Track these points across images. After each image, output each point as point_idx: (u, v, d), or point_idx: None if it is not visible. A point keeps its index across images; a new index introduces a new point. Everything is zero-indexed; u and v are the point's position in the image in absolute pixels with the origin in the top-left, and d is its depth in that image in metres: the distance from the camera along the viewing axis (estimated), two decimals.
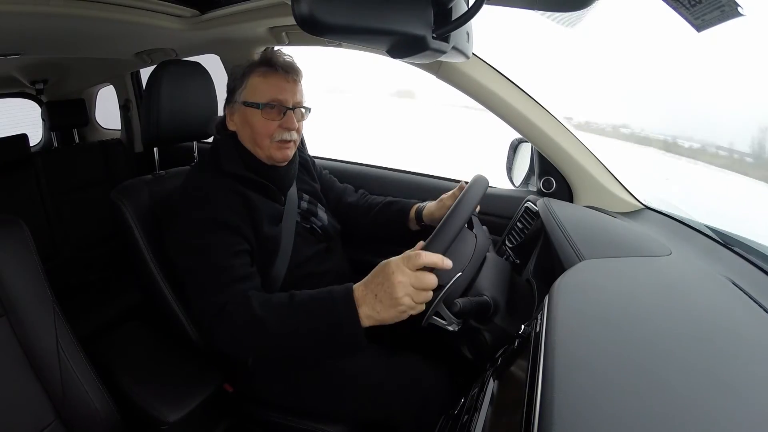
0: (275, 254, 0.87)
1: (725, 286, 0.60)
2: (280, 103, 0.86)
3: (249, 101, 0.86)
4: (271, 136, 0.87)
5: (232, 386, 0.93)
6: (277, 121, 0.86)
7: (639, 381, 0.36)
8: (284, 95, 0.86)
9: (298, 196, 0.99)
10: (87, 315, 1.45)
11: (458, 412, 0.59)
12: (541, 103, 1.06)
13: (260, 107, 0.85)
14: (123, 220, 0.94)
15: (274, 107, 0.86)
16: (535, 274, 0.86)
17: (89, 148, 2.00)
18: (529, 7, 0.50)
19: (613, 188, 1.07)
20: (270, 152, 0.88)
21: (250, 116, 0.87)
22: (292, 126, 0.87)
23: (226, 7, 1.10)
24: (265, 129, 0.86)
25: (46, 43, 1.31)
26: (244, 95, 0.87)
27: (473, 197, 0.76)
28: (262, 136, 0.87)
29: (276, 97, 0.86)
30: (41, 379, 0.72)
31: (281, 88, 0.86)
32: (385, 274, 0.64)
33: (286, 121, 0.87)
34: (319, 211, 1.02)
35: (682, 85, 21.91)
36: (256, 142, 0.88)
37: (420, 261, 0.63)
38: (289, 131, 0.87)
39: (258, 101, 0.86)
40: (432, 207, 1.02)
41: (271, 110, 0.86)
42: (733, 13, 0.40)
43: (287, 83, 0.87)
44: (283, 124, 0.87)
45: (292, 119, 0.87)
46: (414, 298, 0.63)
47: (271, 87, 0.86)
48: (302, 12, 0.34)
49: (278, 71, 0.87)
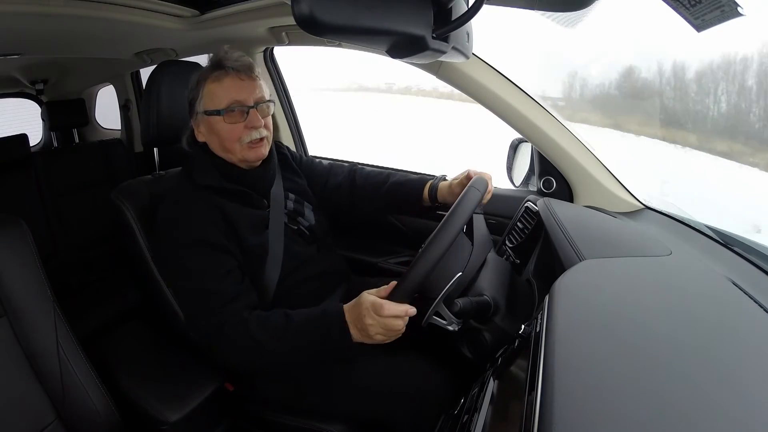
0: (264, 261, 0.87)
1: (725, 286, 0.60)
2: (240, 104, 0.83)
3: (209, 110, 0.84)
4: (240, 139, 0.84)
5: (232, 386, 0.93)
6: (241, 123, 0.84)
7: (639, 381, 0.36)
8: (242, 95, 0.84)
9: (284, 195, 0.97)
10: (87, 315, 1.45)
11: (458, 412, 0.59)
12: (541, 103, 1.06)
13: (221, 113, 0.83)
14: (123, 220, 0.94)
15: (235, 110, 0.83)
16: (535, 274, 0.86)
17: (89, 148, 2.00)
18: (529, 7, 0.50)
19: (613, 188, 1.07)
20: (242, 155, 0.86)
21: (214, 124, 0.84)
22: (257, 124, 0.84)
23: (226, 7, 1.10)
24: (231, 134, 0.84)
25: (46, 43, 1.31)
26: (203, 104, 0.85)
27: (455, 225, 0.72)
28: (231, 141, 0.84)
29: (234, 98, 0.83)
30: (41, 379, 0.72)
31: (238, 88, 0.83)
32: (359, 312, 0.69)
33: (250, 120, 0.84)
34: (306, 211, 1.00)
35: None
36: (226, 149, 0.86)
37: (384, 313, 0.66)
38: (257, 129, 0.85)
39: (218, 107, 0.83)
40: (444, 191, 1.00)
41: (232, 113, 0.83)
42: (733, 13, 0.40)
43: (242, 82, 0.84)
44: (248, 124, 0.84)
45: (257, 117, 0.85)
46: (386, 335, 0.69)
47: (226, 90, 0.83)
48: (302, 12, 0.34)
49: (230, 73, 0.84)
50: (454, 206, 0.74)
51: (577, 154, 1.06)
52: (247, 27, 1.18)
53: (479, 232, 0.85)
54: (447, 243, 0.69)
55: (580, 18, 0.53)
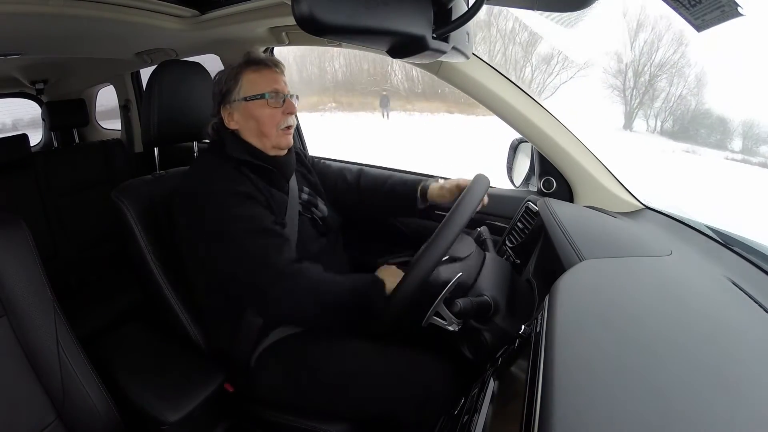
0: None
1: (725, 286, 0.60)
2: (278, 92, 0.92)
3: (251, 95, 0.91)
4: (278, 124, 0.92)
5: (232, 386, 0.93)
6: (279, 108, 0.92)
7: (639, 381, 0.36)
8: (279, 85, 0.93)
9: (298, 188, 1.01)
10: (87, 315, 1.45)
11: (458, 412, 0.59)
12: (541, 103, 1.06)
13: (266, 96, 0.90)
14: (123, 220, 0.94)
15: (275, 96, 0.91)
16: (535, 274, 0.85)
17: (89, 148, 1.99)
18: (529, 7, 0.50)
19: (613, 188, 1.07)
20: (277, 140, 0.93)
21: (254, 109, 0.91)
22: (293, 110, 0.94)
23: (226, 7, 1.10)
24: (271, 118, 0.91)
25: (46, 43, 1.31)
26: (243, 92, 0.91)
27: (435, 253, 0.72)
28: (270, 126, 0.92)
29: (274, 87, 0.92)
30: (41, 379, 0.72)
31: (275, 79, 0.93)
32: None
33: (287, 106, 0.93)
34: (319, 203, 1.04)
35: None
36: (263, 133, 0.92)
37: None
38: (292, 115, 0.94)
39: (261, 92, 0.91)
40: (434, 192, 1.04)
41: (274, 99, 0.91)
42: (733, 13, 0.40)
43: (278, 75, 0.94)
44: (285, 110, 0.92)
45: (292, 104, 0.94)
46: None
47: (267, 80, 0.92)
48: (302, 12, 0.34)
49: (269, 65, 0.93)
50: (461, 196, 0.77)
51: (577, 154, 1.06)
52: (247, 27, 1.18)
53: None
54: (456, 230, 0.71)
55: (580, 18, 0.53)
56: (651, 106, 13.66)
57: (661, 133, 13.49)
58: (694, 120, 13.11)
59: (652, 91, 13.61)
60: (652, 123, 13.70)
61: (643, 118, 13.82)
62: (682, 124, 13.37)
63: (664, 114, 13.58)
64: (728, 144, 12.52)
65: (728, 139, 12.57)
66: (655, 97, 13.67)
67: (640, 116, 13.85)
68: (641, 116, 13.86)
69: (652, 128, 13.66)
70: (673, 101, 13.40)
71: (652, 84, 13.52)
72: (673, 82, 13.46)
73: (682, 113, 13.41)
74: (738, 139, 12.44)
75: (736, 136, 12.38)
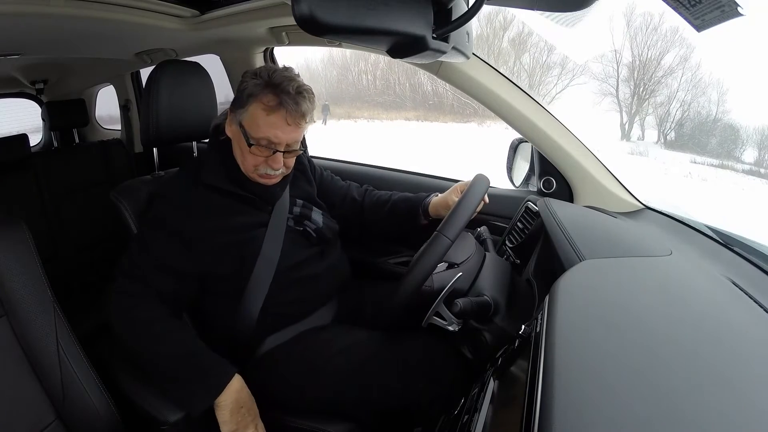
0: (254, 258, 0.88)
1: (725, 286, 0.60)
2: (271, 143, 0.83)
3: (244, 129, 0.84)
4: (256, 167, 0.86)
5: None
6: (262, 157, 0.85)
7: (639, 381, 0.36)
8: (279, 138, 0.83)
9: (291, 202, 0.97)
10: (87, 315, 1.44)
11: (458, 413, 0.59)
12: (541, 103, 1.06)
13: (250, 146, 0.83)
14: (122, 220, 0.94)
15: (264, 146, 0.83)
16: (535, 274, 0.85)
17: (89, 148, 1.99)
18: (529, 7, 0.50)
19: (613, 188, 1.07)
20: (253, 178, 0.88)
21: (241, 141, 0.85)
22: (276, 166, 0.85)
23: (226, 8, 1.10)
24: (250, 160, 0.85)
25: (46, 43, 1.31)
26: (242, 118, 0.84)
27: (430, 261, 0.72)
28: (247, 164, 0.86)
29: (270, 138, 0.82)
30: (41, 379, 0.72)
31: (279, 130, 0.82)
32: (250, 405, 0.81)
33: (271, 159, 0.84)
34: (313, 215, 0.99)
35: None
36: (241, 163, 0.88)
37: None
38: (273, 168, 0.86)
39: (252, 136, 0.83)
40: (436, 204, 1.04)
41: (260, 147, 0.83)
42: (733, 13, 0.40)
43: (288, 126, 0.82)
44: (269, 161, 0.85)
45: (279, 160, 0.85)
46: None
47: (268, 126, 0.82)
48: (302, 12, 0.34)
49: (281, 110, 0.81)
50: (463, 195, 0.78)
51: (577, 154, 1.06)
52: (247, 27, 1.18)
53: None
54: (456, 231, 0.72)
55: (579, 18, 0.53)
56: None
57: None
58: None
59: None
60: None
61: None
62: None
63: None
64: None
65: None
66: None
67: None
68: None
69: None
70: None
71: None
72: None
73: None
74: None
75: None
